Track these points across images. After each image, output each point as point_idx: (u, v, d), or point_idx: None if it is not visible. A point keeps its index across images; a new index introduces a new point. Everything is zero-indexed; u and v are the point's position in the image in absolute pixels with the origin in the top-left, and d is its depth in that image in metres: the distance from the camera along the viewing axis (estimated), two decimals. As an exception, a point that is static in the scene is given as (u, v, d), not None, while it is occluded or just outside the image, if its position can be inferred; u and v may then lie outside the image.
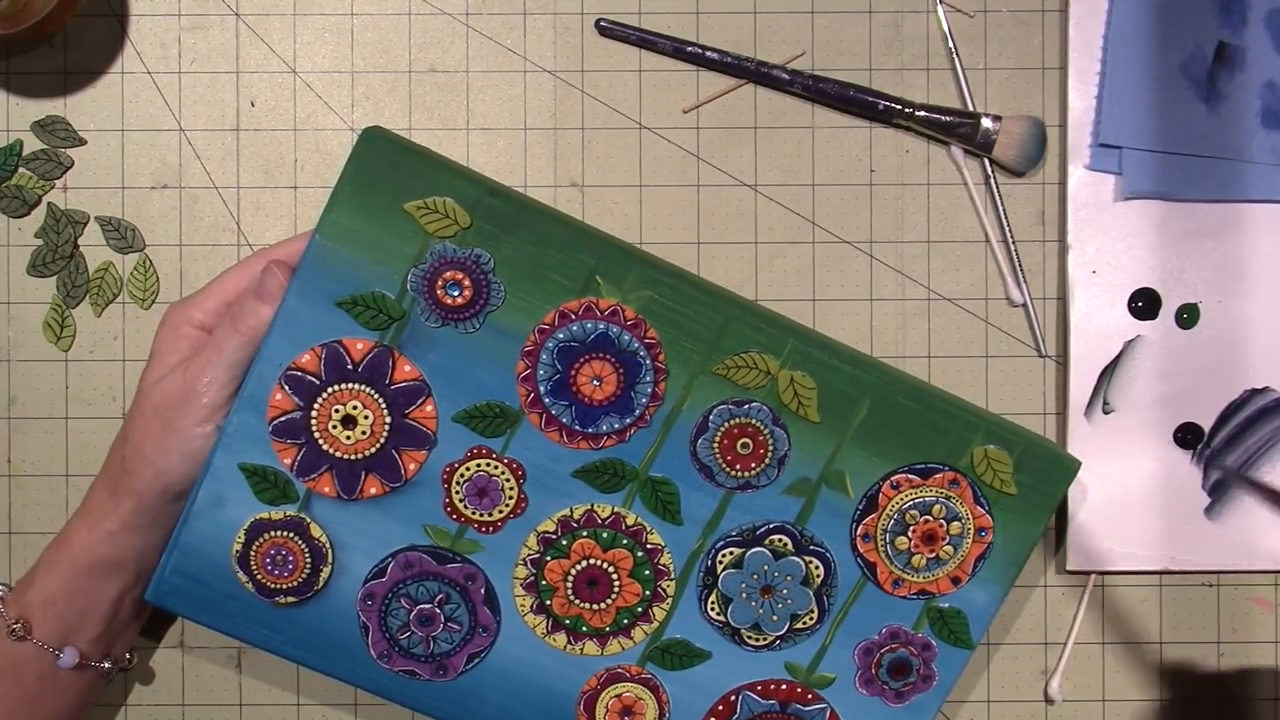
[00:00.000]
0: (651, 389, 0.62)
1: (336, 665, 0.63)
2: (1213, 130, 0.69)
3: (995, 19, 0.70)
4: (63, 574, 0.62)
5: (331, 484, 0.61)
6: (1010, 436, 0.63)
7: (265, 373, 0.60)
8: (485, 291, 0.61)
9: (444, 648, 0.63)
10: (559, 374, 0.61)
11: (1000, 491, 0.64)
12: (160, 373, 0.61)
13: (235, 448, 0.60)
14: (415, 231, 0.60)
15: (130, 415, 0.62)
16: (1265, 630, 0.71)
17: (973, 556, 0.64)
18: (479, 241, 0.60)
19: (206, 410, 0.60)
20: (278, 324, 0.60)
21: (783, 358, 0.62)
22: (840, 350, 0.63)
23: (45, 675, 0.62)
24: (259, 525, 0.61)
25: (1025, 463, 0.63)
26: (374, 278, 0.60)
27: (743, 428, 0.63)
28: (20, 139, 0.69)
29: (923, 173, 0.70)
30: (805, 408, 0.63)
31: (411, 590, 0.63)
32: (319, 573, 0.62)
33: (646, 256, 0.62)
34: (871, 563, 0.64)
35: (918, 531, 0.64)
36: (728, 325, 0.62)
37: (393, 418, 0.61)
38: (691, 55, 0.69)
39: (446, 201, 0.60)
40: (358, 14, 0.69)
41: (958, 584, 0.65)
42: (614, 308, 0.61)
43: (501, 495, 0.62)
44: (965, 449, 0.63)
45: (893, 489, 0.64)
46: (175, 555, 0.61)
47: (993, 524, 0.64)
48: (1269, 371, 0.70)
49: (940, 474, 0.64)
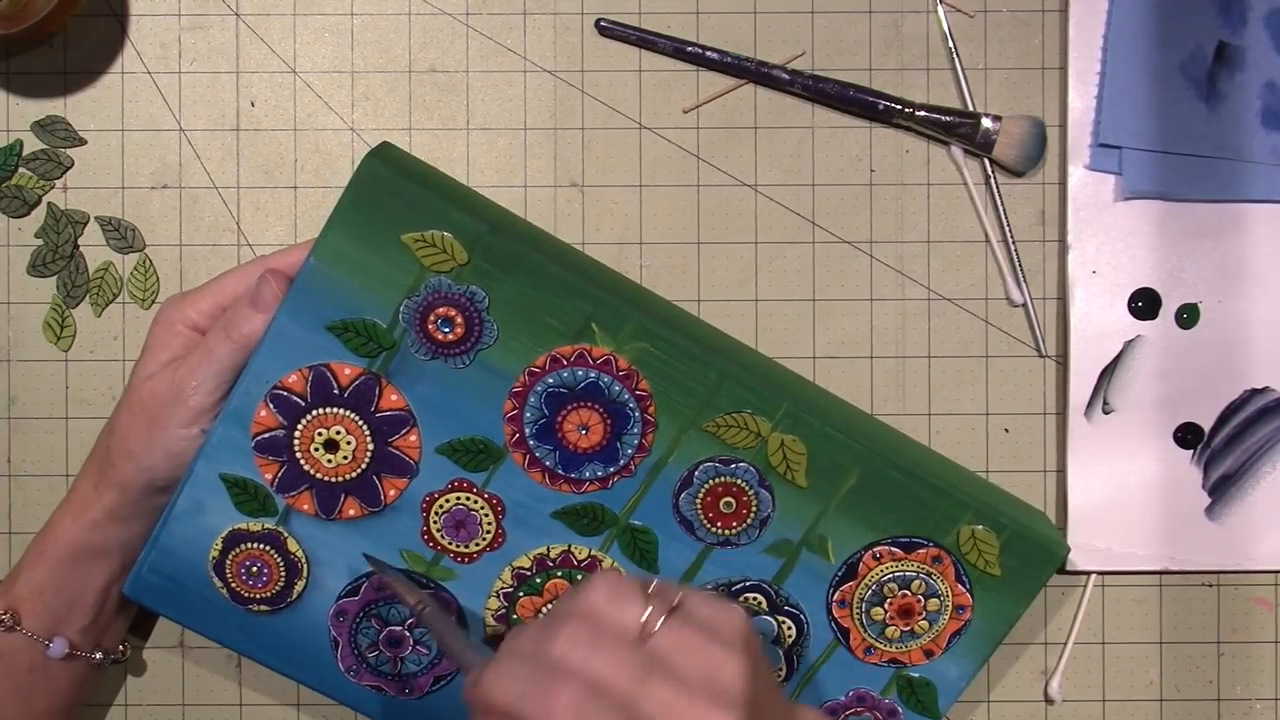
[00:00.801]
0: (639, 441, 0.61)
1: (305, 673, 0.63)
2: (1213, 130, 0.69)
3: (995, 19, 0.70)
4: (49, 563, 0.62)
5: (311, 503, 0.61)
6: (1000, 519, 0.63)
7: (252, 388, 0.60)
8: (478, 329, 0.60)
9: (411, 669, 0.63)
10: (545, 418, 0.61)
11: (984, 572, 0.63)
12: (151, 369, 0.61)
13: (218, 458, 0.60)
14: (411, 263, 0.59)
15: (119, 407, 0.62)
16: (1265, 630, 0.71)
17: (948, 632, 0.64)
18: (475, 279, 0.59)
19: (192, 413, 0.60)
20: (267, 341, 0.59)
21: (775, 421, 0.61)
22: (836, 415, 0.62)
23: (35, 666, 0.62)
24: (236, 535, 0.61)
25: (1012, 546, 0.63)
26: (366, 305, 0.59)
27: (727, 486, 0.62)
28: (20, 139, 0.69)
29: (923, 173, 0.70)
30: (794, 471, 0.62)
31: (383, 611, 0.63)
32: (293, 586, 0.62)
33: (647, 303, 0.62)
34: (845, 628, 0.64)
35: (894, 604, 0.64)
36: (722, 384, 0.61)
37: (375, 445, 0.61)
38: (691, 55, 0.69)
39: (445, 236, 0.59)
40: (358, 14, 0.69)
41: (930, 656, 0.64)
42: (607, 356, 0.60)
43: (479, 529, 0.62)
44: (953, 526, 0.63)
45: (874, 559, 0.63)
46: (153, 555, 0.61)
47: (972, 603, 0.64)
48: (1269, 371, 0.70)
49: (924, 549, 0.63)
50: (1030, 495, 0.70)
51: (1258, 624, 0.71)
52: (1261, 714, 0.71)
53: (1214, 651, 0.71)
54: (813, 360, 0.70)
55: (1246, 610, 0.71)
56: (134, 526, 0.62)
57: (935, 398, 0.70)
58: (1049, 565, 0.63)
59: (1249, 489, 0.70)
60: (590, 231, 0.69)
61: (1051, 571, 0.64)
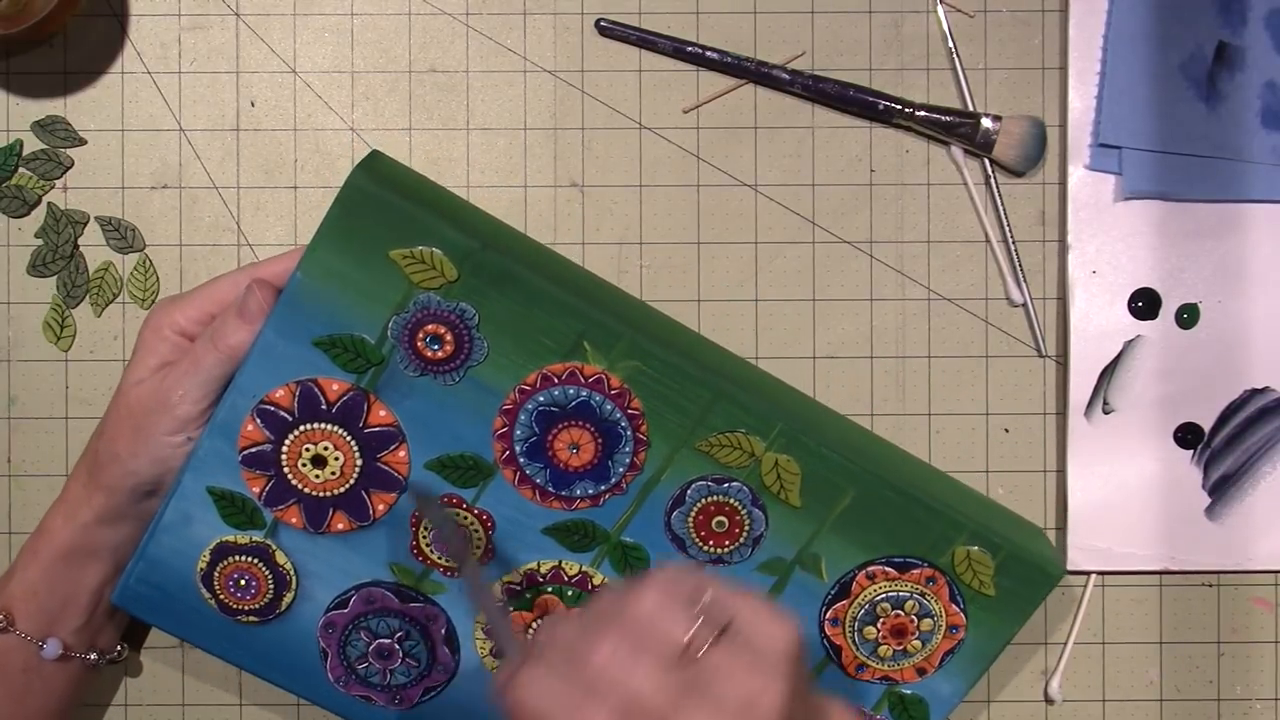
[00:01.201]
0: (630, 459, 0.61)
1: (294, 683, 0.63)
2: (1213, 130, 0.69)
3: (995, 19, 0.70)
4: (42, 564, 0.62)
5: (299, 516, 0.61)
6: (995, 539, 0.62)
7: (239, 402, 0.59)
8: (468, 346, 0.59)
9: (400, 680, 0.63)
10: (536, 436, 0.60)
11: (978, 592, 0.63)
12: (139, 374, 0.61)
13: (205, 470, 0.60)
14: (399, 280, 0.58)
15: (108, 410, 0.62)
16: (1265, 630, 0.71)
17: (941, 650, 0.64)
18: (465, 295, 0.58)
19: (179, 422, 0.60)
20: (254, 355, 0.59)
21: (769, 440, 0.61)
22: (831, 434, 0.62)
23: (30, 668, 0.62)
24: (224, 548, 0.61)
25: (1008, 567, 0.63)
26: (354, 321, 0.58)
27: (720, 506, 0.62)
28: (20, 139, 0.69)
29: (923, 173, 0.70)
30: (787, 491, 0.61)
31: (372, 624, 0.62)
32: (282, 597, 0.62)
33: (641, 320, 0.61)
34: (838, 645, 0.64)
35: (887, 624, 0.63)
36: (715, 403, 0.60)
37: (364, 460, 0.60)
38: (691, 55, 0.69)
39: (434, 253, 0.58)
40: (358, 14, 0.69)
41: (923, 675, 0.64)
42: (599, 375, 0.60)
43: (470, 543, 0.62)
44: (948, 547, 0.62)
45: (868, 579, 0.63)
46: (141, 565, 0.61)
47: (966, 622, 0.63)
48: (1269, 371, 0.70)
49: (918, 569, 0.63)
50: (1030, 495, 0.70)
51: (1258, 624, 0.71)
52: (1261, 714, 0.71)
53: (1214, 651, 0.71)
54: (812, 360, 0.70)
55: (1246, 610, 0.71)
56: (124, 529, 0.62)
57: (935, 398, 0.70)
58: (1044, 586, 0.63)
59: (1249, 489, 0.70)
60: (590, 231, 0.69)
61: (1047, 593, 0.64)
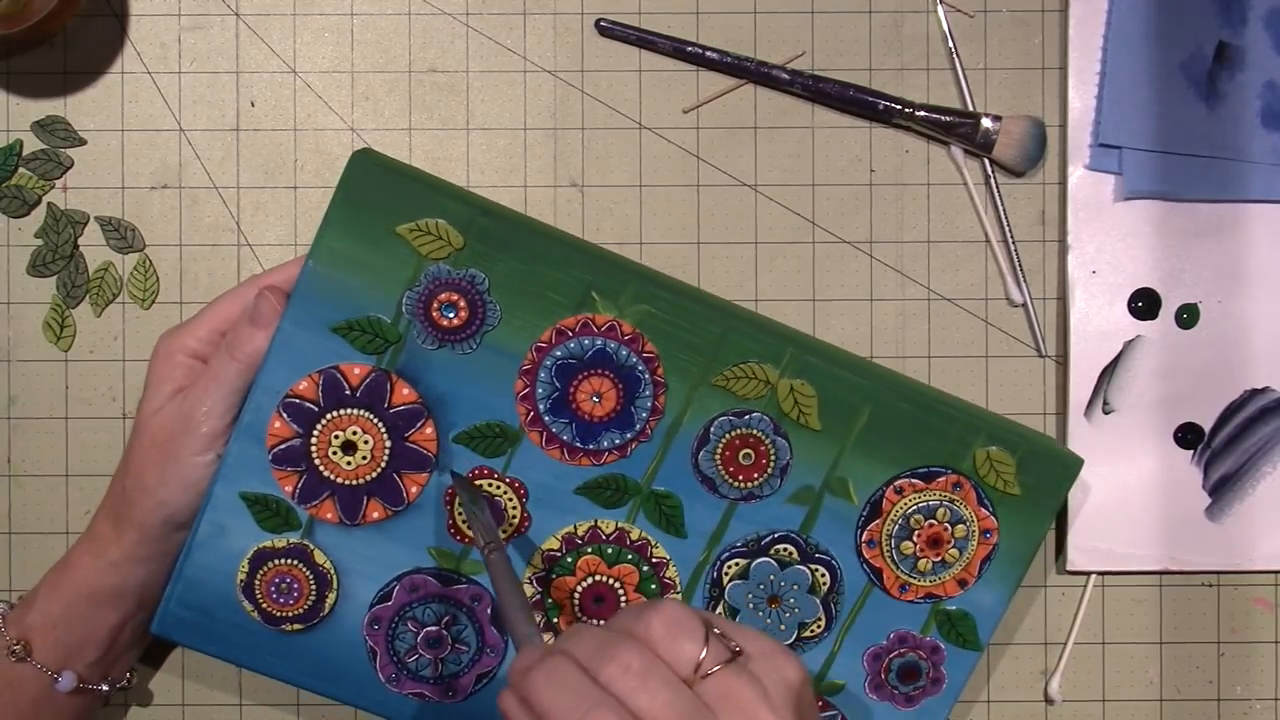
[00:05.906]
0: (651, 403, 0.62)
1: (344, 690, 0.63)
2: (1213, 130, 0.69)
3: (995, 19, 0.70)
4: (64, 599, 0.61)
5: (334, 510, 0.61)
6: (1012, 437, 0.63)
7: (263, 401, 0.60)
8: (481, 311, 0.60)
9: (452, 669, 0.63)
10: (558, 391, 0.61)
11: (1004, 493, 0.64)
12: (157, 403, 0.60)
13: (235, 477, 0.60)
14: (409, 254, 0.60)
15: (129, 446, 0.61)
16: (1265, 630, 0.71)
17: (978, 558, 0.64)
18: (473, 262, 0.60)
19: (206, 439, 0.60)
20: (274, 351, 0.59)
21: (781, 366, 0.62)
22: (839, 356, 0.63)
23: (42, 698, 0.62)
24: (263, 554, 0.61)
25: (1028, 463, 0.63)
26: (369, 302, 0.60)
27: (744, 438, 0.62)
28: (20, 139, 0.69)
29: (923, 173, 0.70)
30: (806, 416, 0.62)
31: (418, 613, 0.62)
32: (324, 599, 0.62)
33: (642, 270, 0.62)
34: (877, 568, 0.64)
35: (923, 535, 0.64)
36: (725, 336, 0.61)
37: (393, 441, 0.61)
38: (691, 55, 0.69)
39: (439, 223, 0.59)
40: (358, 14, 0.69)
41: (964, 586, 0.64)
42: (611, 323, 0.61)
43: (504, 515, 0.62)
44: (968, 451, 0.63)
45: (896, 494, 0.63)
46: (179, 587, 0.61)
47: (997, 525, 0.64)
48: (1269, 371, 0.70)
49: (943, 477, 0.63)
50: (1030, 495, 0.70)
51: (1258, 624, 0.71)
52: (1261, 714, 0.71)
53: (1214, 651, 0.71)
54: (813, 360, 0.70)
55: (1246, 610, 0.71)
56: (154, 566, 0.61)
57: (935, 398, 0.70)
58: (1066, 478, 0.64)
59: (1249, 489, 0.70)
60: (590, 231, 0.69)
61: (1070, 484, 0.64)
